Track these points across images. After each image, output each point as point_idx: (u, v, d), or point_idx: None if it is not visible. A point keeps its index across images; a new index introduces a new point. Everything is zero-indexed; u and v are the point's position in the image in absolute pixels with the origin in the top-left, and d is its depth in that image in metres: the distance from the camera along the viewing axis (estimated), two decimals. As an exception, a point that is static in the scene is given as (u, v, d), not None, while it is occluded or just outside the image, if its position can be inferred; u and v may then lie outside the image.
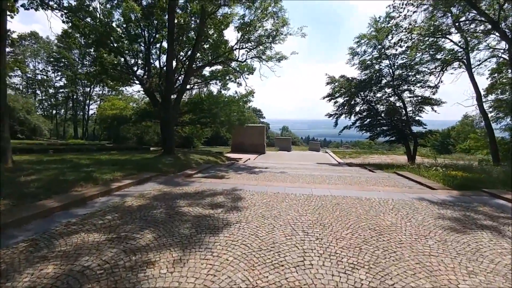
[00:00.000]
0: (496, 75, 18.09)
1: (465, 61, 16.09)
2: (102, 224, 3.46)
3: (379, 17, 17.39)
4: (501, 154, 14.89)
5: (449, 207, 4.37)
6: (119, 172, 6.64)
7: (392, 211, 4.07)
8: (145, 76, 16.35)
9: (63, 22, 13.39)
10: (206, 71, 19.14)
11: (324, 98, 20.17)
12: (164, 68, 14.30)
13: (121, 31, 15.75)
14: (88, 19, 13.54)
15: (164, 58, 14.15)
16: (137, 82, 17.09)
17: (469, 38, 15.12)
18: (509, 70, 16.86)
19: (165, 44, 15.37)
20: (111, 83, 17.85)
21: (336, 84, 19.54)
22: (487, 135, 16.36)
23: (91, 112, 47.23)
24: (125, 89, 31.08)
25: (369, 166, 13.51)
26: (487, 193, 5.22)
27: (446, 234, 3.20)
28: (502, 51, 15.48)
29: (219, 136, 35.45)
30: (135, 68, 16.89)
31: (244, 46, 15.63)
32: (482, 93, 16.27)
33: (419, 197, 4.94)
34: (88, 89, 44.59)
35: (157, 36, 16.76)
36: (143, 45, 16.63)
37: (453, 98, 17.44)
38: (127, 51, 16.25)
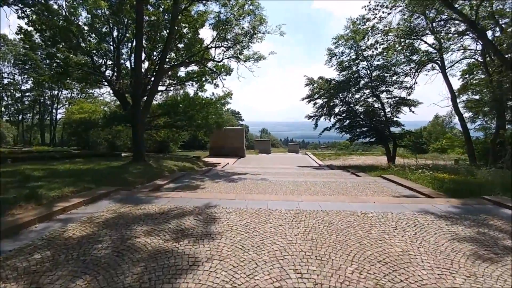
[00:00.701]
0: (467, 76, 18.60)
1: (439, 62, 16.30)
2: (26, 268, 2.55)
3: (356, 19, 17.21)
4: (477, 154, 15.12)
5: (457, 221, 3.79)
6: (71, 187, 5.58)
7: (397, 231, 3.41)
8: (114, 77, 15.13)
9: (19, 17, 12.14)
10: (182, 71, 18.15)
11: (303, 99, 19.82)
12: (135, 68, 13.22)
13: (88, 29, 14.51)
14: (47, 14, 12.25)
15: (135, 57, 13.09)
16: (106, 83, 15.84)
17: (442, 41, 15.29)
18: (480, 72, 17.34)
19: (136, 42, 14.29)
20: (77, 85, 16.44)
21: (315, 85, 19.21)
22: (462, 135, 16.64)
23: (59, 116, 43.98)
24: (95, 91, 29.11)
25: (351, 169, 13.11)
26: (489, 201, 4.73)
27: (472, 264, 2.56)
28: (474, 51, 15.85)
29: (197, 139, 34.07)
30: (104, 69, 15.64)
31: (220, 45, 14.87)
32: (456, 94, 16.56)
33: (420, 209, 4.34)
34: (56, 92, 41.46)
35: (127, 35, 15.61)
36: (112, 44, 15.41)
37: (429, 99, 17.66)
38: (94, 51, 14.97)
